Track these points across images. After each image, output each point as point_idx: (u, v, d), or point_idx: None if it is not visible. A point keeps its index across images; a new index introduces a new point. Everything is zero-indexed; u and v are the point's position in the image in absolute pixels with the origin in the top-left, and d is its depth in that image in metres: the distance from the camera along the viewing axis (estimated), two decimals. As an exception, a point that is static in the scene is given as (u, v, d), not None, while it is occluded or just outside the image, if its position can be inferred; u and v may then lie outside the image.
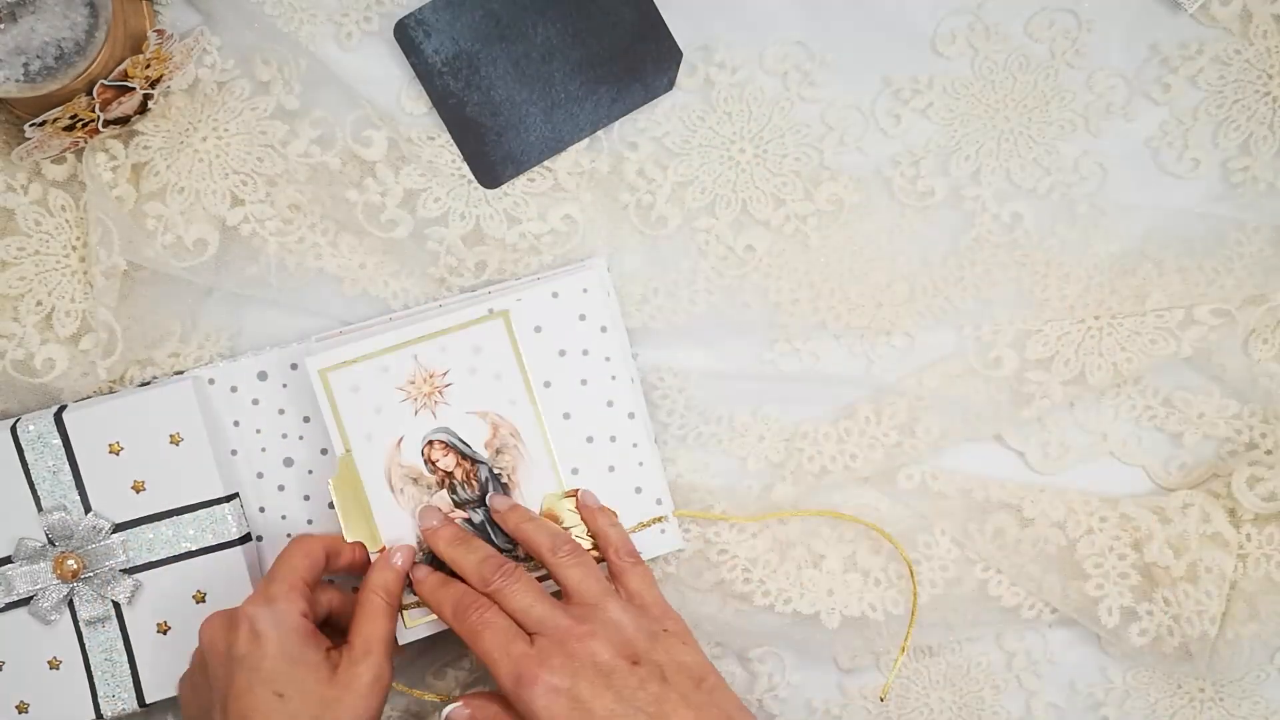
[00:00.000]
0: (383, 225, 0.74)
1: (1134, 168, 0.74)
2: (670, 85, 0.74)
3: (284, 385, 0.74)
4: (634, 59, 0.74)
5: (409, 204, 0.74)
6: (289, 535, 0.74)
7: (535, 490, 0.71)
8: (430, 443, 0.71)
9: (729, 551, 0.74)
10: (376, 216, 0.74)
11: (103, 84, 0.69)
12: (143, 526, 0.72)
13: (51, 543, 0.71)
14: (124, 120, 0.72)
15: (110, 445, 0.71)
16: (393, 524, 0.70)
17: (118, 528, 0.72)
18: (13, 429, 0.72)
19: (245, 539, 0.72)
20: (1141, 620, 0.72)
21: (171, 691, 0.72)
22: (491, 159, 0.74)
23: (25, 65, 0.67)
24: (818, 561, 0.74)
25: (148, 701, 0.72)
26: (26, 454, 0.71)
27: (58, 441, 0.71)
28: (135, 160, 0.73)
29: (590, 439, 0.72)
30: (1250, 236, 0.73)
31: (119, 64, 0.69)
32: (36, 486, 0.71)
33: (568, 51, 0.74)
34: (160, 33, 0.71)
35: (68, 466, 0.71)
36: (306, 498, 0.74)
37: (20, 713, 0.72)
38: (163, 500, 0.72)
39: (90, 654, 0.72)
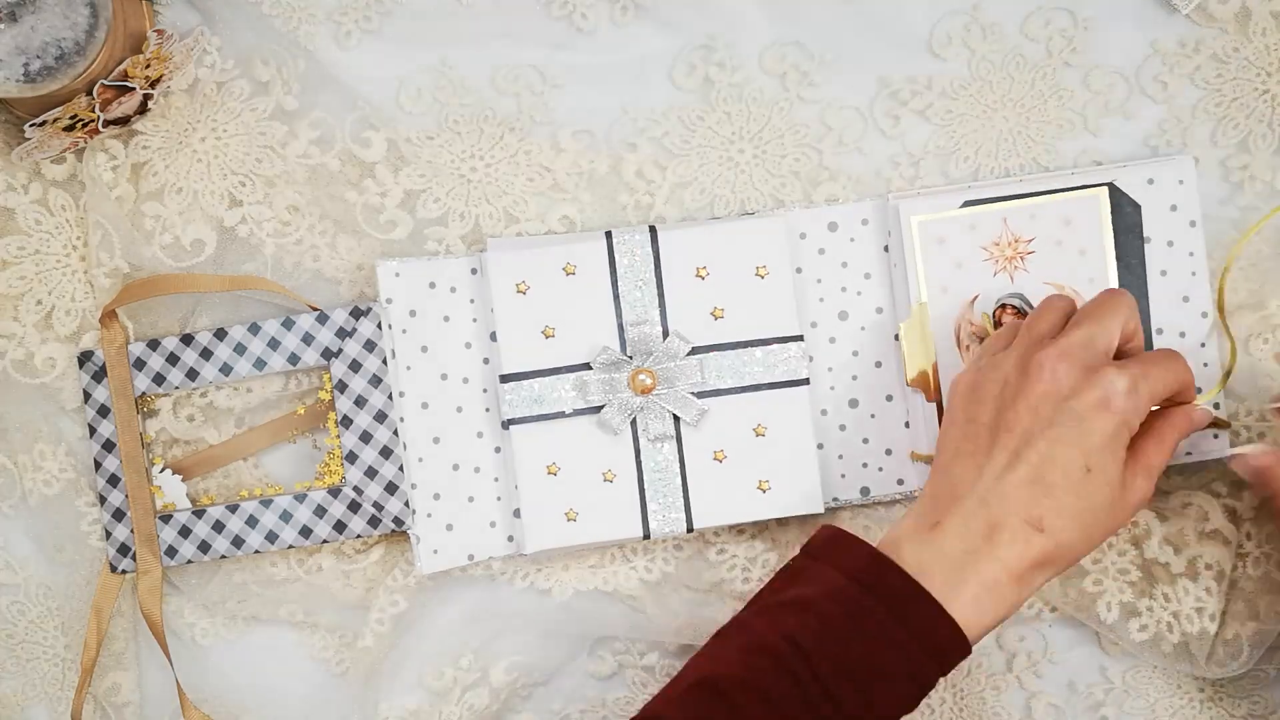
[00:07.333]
0: (381, 226, 0.74)
1: (1132, 167, 0.74)
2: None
3: (851, 239, 0.74)
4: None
5: (408, 205, 0.74)
6: (832, 388, 0.74)
7: None
8: (1003, 306, 0.71)
9: (728, 551, 0.74)
10: (375, 217, 0.74)
11: (103, 84, 0.69)
12: (715, 353, 0.72)
13: (628, 356, 0.72)
14: (124, 120, 0.72)
15: (698, 269, 0.72)
16: (953, 379, 0.69)
17: (692, 351, 0.72)
18: (608, 235, 0.72)
19: (806, 381, 0.72)
20: (1141, 616, 0.72)
21: (717, 522, 0.72)
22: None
23: (25, 65, 0.67)
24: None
25: (695, 527, 0.72)
26: (618, 262, 0.72)
27: (650, 256, 0.72)
28: (135, 160, 0.73)
29: (1159, 331, 0.72)
30: (1249, 237, 0.73)
31: (119, 64, 0.69)
32: (621, 298, 0.72)
33: None
34: (160, 33, 0.71)
35: (655, 282, 0.72)
36: (855, 353, 0.74)
37: (568, 521, 0.72)
38: (738, 330, 0.72)
39: (645, 472, 0.72)
